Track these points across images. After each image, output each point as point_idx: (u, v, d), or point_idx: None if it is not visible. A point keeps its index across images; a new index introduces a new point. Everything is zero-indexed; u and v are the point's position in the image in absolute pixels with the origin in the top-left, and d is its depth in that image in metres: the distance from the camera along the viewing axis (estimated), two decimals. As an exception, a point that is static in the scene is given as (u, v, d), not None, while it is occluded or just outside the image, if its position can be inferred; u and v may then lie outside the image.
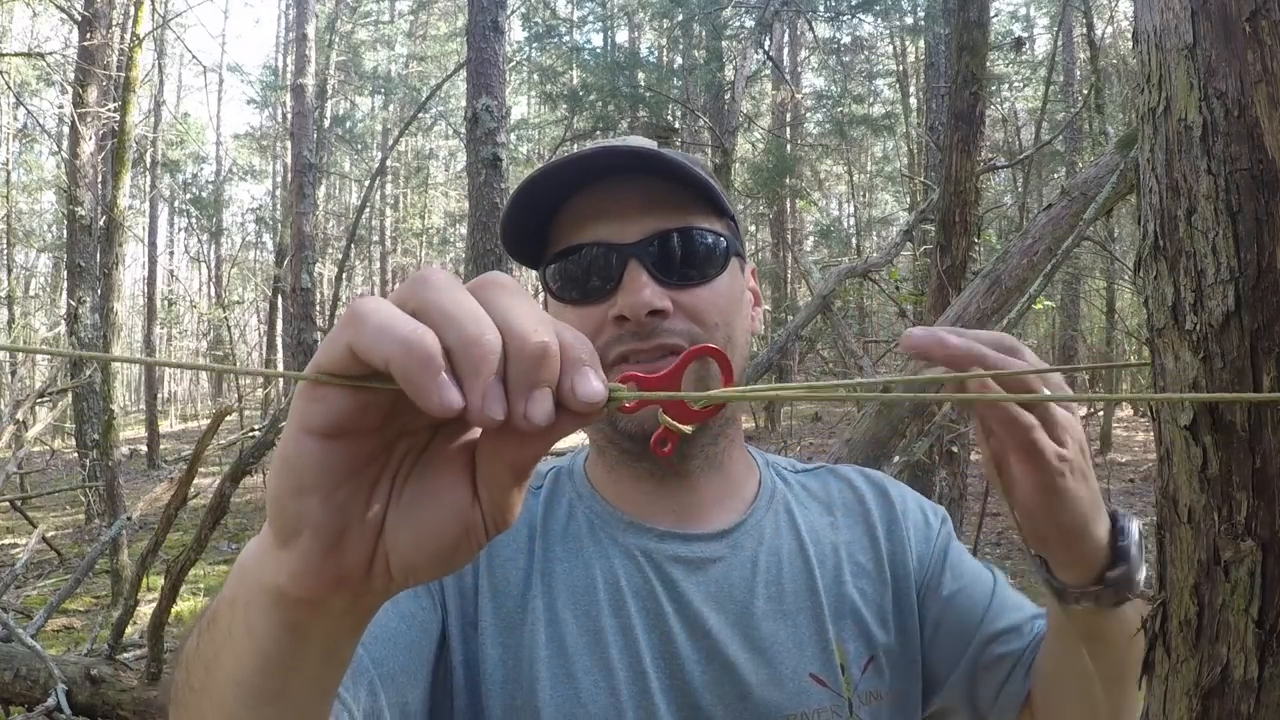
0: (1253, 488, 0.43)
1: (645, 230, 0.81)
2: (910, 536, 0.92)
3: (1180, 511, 0.47)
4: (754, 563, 0.85)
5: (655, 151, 0.81)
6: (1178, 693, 0.47)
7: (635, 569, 0.83)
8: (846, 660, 0.84)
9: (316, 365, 0.38)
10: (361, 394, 0.38)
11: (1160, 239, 0.48)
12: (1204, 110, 0.44)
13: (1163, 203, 0.47)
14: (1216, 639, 0.45)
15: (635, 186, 0.82)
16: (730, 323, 0.83)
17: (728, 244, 0.85)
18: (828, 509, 0.93)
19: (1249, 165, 0.42)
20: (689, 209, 0.83)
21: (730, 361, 0.51)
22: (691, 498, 0.87)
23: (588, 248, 0.81)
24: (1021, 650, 0.86)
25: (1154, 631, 0.50)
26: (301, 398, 0.39)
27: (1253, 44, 0.42)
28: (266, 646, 0.43)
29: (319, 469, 0.38)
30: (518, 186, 0.83)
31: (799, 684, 0.81)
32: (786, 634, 0.83)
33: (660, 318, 0.79)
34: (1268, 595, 0.43)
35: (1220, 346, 0.44)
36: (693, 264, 0.81)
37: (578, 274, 0.82)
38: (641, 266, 0.79)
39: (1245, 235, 0.42)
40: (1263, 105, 0.42)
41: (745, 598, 0.83)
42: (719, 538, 0.86)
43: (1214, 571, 0.45)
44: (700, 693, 0.79)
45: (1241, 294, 0.43)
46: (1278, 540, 0.43)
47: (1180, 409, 0.46)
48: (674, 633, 0.80)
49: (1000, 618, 0.89)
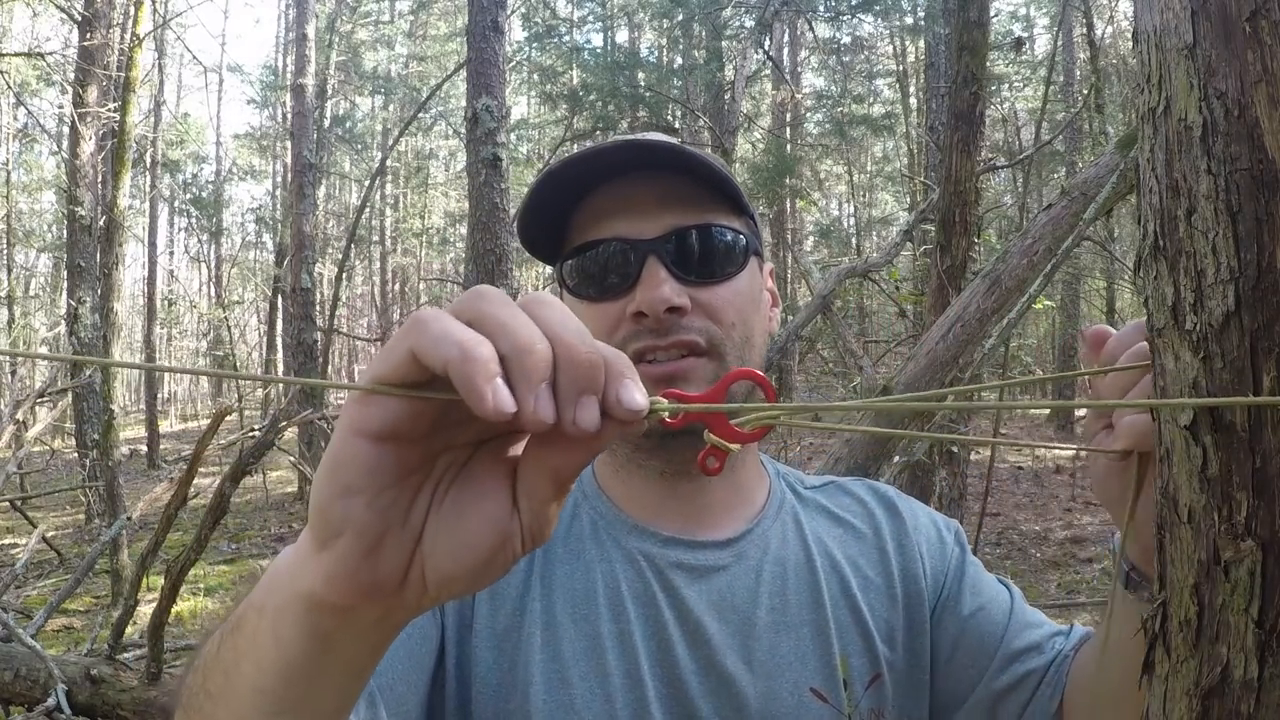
0: (1253, 488, 0.43)
1: (664, 227, 0.80)
2: (924, 552, 0.90)
3: (1180, 511, 0.47)
4: (758, 573, 0.84)
5: (675, 147, 0.80)
6: (1178, 693, 0.47)
7: (637, 574, 0.82)
8: (850, 676, 0.82)
9: (375, 374, 0.40)
10: (415, 400, 0.39)
11: (1160, 239, 0.48)
12: (1204, 110, 0.44)
13: (1163, 203, 0.47)
14: (1216, 639, 0.45)
15: (654, 182, 0.81)
16: (748, 322, 0.83)
17: (747, 242, 0.84)
18: (837, 522, 0.92)
19: (1249, 165, 0.42)
20: (708, 206, 0.82)
21: (770, 385, 0.51)
22: (700, 500, 0.86)
23: (606, 243, 0.81)
24: (1045, 667, 0.84)
25: (1154, 631, 0.50)
26: (356, 402, 0.40)
27: (1253, 44, 0.42)
28: (292, 654, 0.44)
29: (368, 471, 0.40)
30: (535, 181, 0.83)
31: (799, 698, 0.79)
32: (789, 647, 0.81)
33: (678, 315, 0.78)
34: (1268, 595, 0.43)
35: (1220, 346, 0.44)
36: (712, 261, 0.81)
37: (596, 270, 0.81)
38: (660, 263, 0.78)
39: (1245, 235, 0.42)
40: (1263, 105, 0.42)
41: (748, 608, 0.82)
42: (724, 546, 0.84)
43: (1214, 571, 0.45)
44: (697, 703, 0.77)
45: (1241, 294, 0.43)
46: (1278, 540, 0.43)
47: (1180, 409, 0.46)
48: (673, 641, 0.79)
49: (1020, 635, 0.86)
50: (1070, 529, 8.14)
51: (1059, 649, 0.85)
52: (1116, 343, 0.62)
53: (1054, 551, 7.49)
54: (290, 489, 11.30)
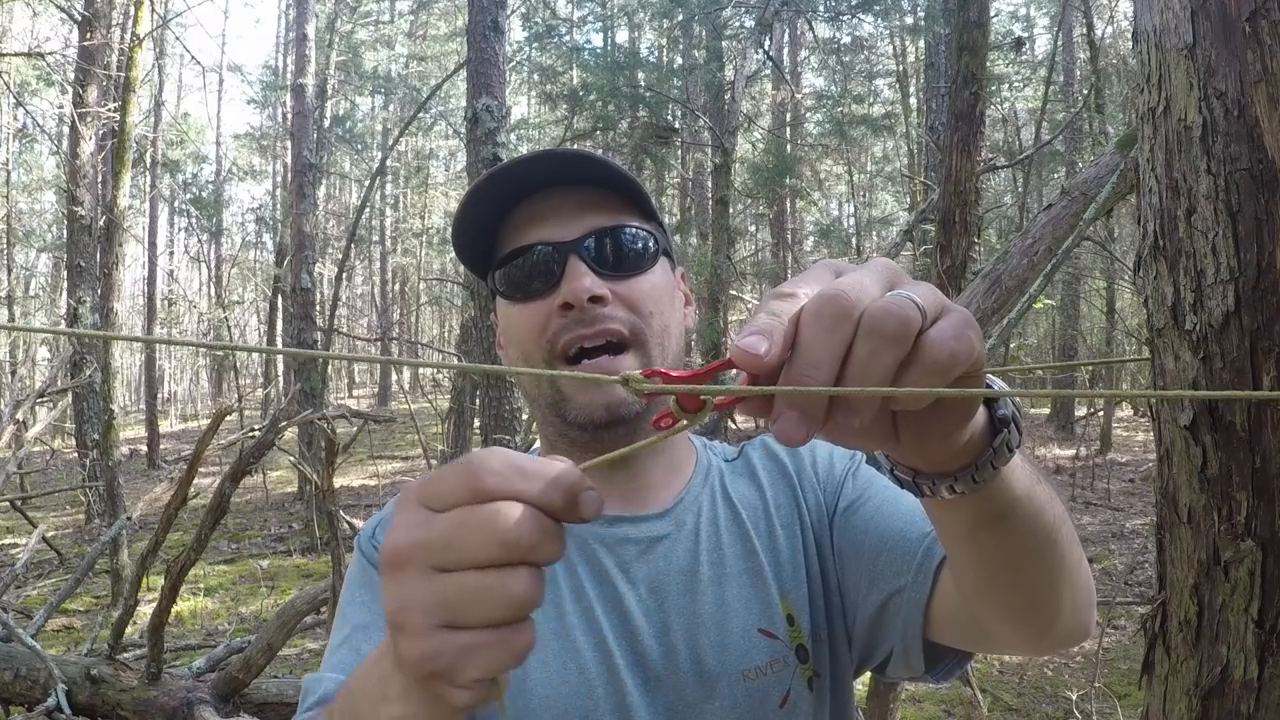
0: (1253, 488, 0.43)
1: (583, 229, 0.89)
2: (818, 471, 0.98)
3: (1180, 511, 0.47)
4: (696, 534, 0.92)
5: (589, 158, 0.90)
6: (1178, 693, 0.47)
7: (589, 555, 0.90)
8: (793, 610, 0.89)
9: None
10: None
11: (1160, 239, 0.48)
12: (1204, 110, 0.44)
13: (1163, 203, 0.47)
14: (1216, 639, 0.45)
15: (571, 192, 0.91)
16: (664, 313, 0.91)
17: (657, 242, 0.93)
18: (753, 477, 1.00)
19: (1249, 165, 0.42)
20: (621, 210, 0.91)
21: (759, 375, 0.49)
22: (638, 482, 0.95)
23: (531, 248, 0.89)
24: (920, 556, 0.83)
25: (1154, 631, 0.50)
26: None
27: (1252, 44, 0.42)
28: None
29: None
30: (460, 205, 0.92)
31: (749, 641, 0.87)
32: (732, 595, 0.89)
33: (600, 304, 0.86)
34: (1268, 595, 0.43)
35: (1220, 346, 0.43)
36: (627, 258, 0.90)
37: (523, 273, 0.90)
38: (581, 260, 0.87)
39: (1245, 235, 0.42)
40: (1262, 105, 0.42)
41: (691, 567, 0.90)
42: (663, 516, 0.93)
43: (1214, 571, 0.45)
44: (659, 663, 0.85)
45: (1241, 294, 0.42)
46: (1278, 540, 0.43)
47: (1180, 409, 0.46)
48: (631, 611, 0.87)
49: (906, 528, 0.87)
50: (1070, 529, 8.14)
51: (930, 546, 0.84)
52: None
53: (1054, 551, 7.48)
54: (290, 489, 11.30)
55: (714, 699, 0.84)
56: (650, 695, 0.85)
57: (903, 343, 0.42)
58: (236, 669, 3.34)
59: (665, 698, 0.85)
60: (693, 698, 0.84)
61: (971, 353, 0.44)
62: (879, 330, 0.42)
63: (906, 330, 0.42)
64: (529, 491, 0.44)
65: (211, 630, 5.99)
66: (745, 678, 0.85)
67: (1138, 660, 0.66)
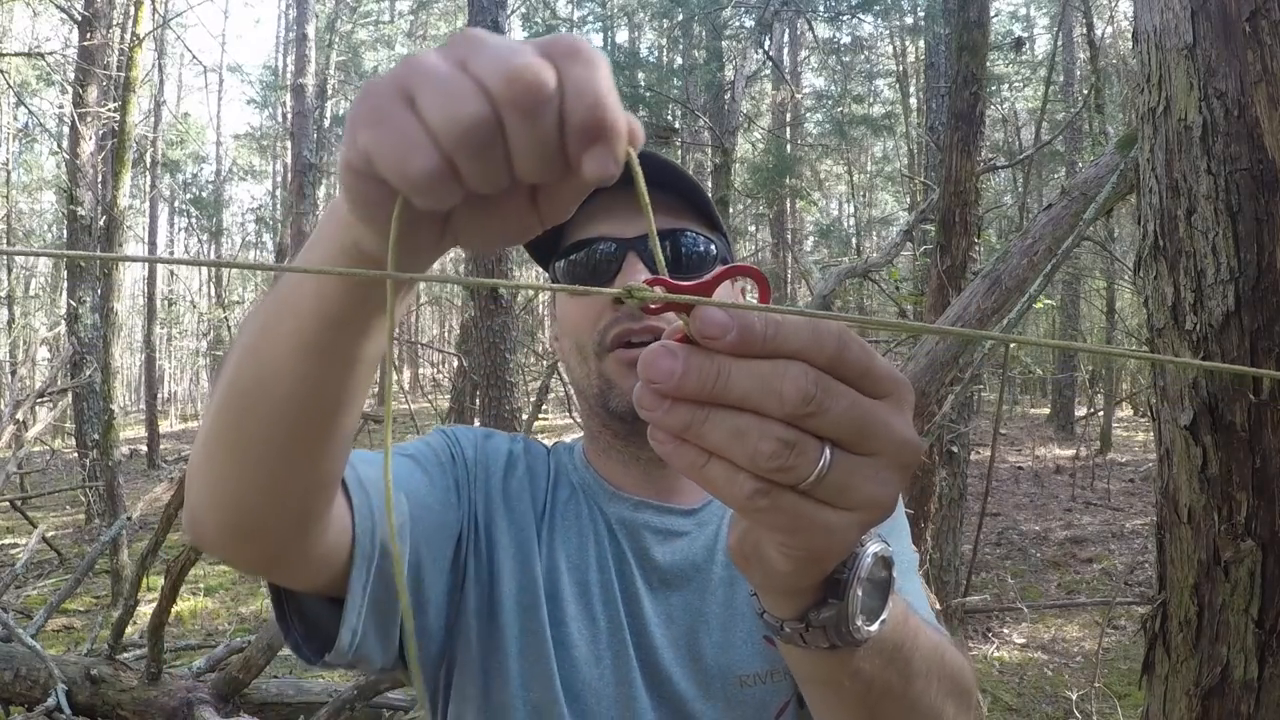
0: (1253, 488, 0.43)
1: (644, 229, 0.88)
2: None
3: (1180, 511, 0.47)
4: (716, 537, 0.94)
5: (663, 162, 0.90)
6: (1178, 693, 0.47)
7: (613, 534, 0.93)
8: None
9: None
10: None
11: (1160, 239, 0.48)
12: (1204, 110, 0.44)
13: (1163, 203, 0.47)
14: (1216, 639, 0.45)
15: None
16: None
17: (718, 252, 0.94)
18: None
19: (1249, 165, 0.42)
20: (685, 215, 0.93)
21: (766, 282, 0.49)
22: (671, 473, 0.96)
23: (592, 241, 0.91)
24: None
25: (1154, 631, 0.50)
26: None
27: (1252, 44, 0.42)
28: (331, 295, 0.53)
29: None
30: None
31: (752, 647, 0.88)
32: (742, 601, 0.90)
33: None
34: (1268, 595, 0.43)
35: (1220, 346, 0.43)
36: (686, 263, 0.90)
37: (584, 265, 0.91)
38: (639, 257, 0.88)
39: (1245, 235, 0.42)
40: (1262, 105, 0.42)
41: (706, 566, 0.92)
42: (688, 514, 0.95)
43: (1214, 571, 0.45)
44: (661, 652, 0.88)
45: (1241, 294, 0.42)
46: (1278, 540, 0.43)
47: (1180, 409, 0.46)
48: (641, 595, 0.90)
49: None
50: (1070, 529, 8.15)
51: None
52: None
53: (1054, 551, 7.49)
54: (290, 489, 11.28)
55: (708, 698, 0.86)
56: (650, 679, 0.87)
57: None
58: (236, 669, 3.34)
59: (663, 687, 0.87)
60: (688, 694, 0.87)
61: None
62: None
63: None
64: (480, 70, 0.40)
65: (211, 630, 5.99)
66: (741, 683, 0.87)
67: (1138, 660, 0.65)
